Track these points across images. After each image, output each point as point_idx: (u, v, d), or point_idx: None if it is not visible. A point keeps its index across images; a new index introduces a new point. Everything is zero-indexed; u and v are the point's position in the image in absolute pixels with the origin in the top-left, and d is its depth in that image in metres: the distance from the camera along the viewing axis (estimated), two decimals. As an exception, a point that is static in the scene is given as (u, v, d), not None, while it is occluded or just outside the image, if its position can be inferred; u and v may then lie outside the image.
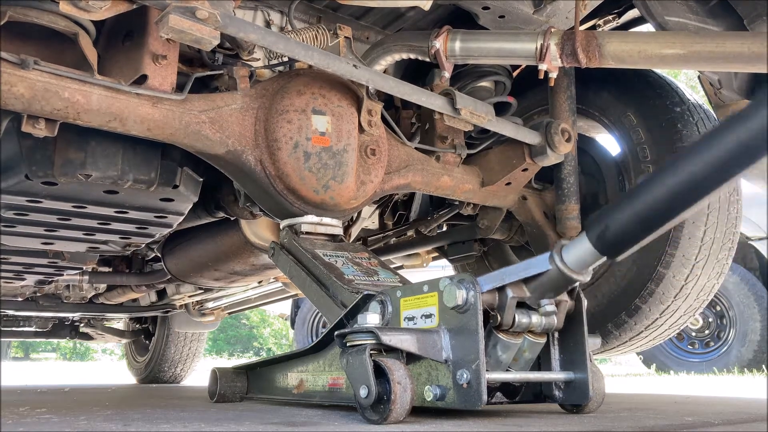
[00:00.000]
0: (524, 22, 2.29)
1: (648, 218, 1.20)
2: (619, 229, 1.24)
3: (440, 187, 2.35)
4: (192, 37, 1.55)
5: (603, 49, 1.95)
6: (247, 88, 1.94)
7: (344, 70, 1.86)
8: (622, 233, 1.24)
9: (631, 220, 1.21)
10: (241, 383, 2.07)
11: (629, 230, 1.23)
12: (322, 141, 1.99)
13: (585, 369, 1.51)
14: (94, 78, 1.64)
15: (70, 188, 1.97)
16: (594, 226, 1.28)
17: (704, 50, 1.81)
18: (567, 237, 2.46)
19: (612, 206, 1.26)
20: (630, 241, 1.25)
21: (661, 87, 2.44)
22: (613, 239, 1.25)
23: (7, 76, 1.52)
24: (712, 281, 2.40)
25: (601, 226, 1.26)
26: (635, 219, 1.21)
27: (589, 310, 2.45)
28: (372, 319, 1.51)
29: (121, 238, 2.44)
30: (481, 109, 2.15)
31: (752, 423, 1.52)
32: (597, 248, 1.28)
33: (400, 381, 1.34)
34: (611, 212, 1.25)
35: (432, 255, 3.35)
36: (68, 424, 1.45)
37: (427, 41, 2.15)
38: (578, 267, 1.34)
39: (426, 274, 2.11)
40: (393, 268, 2.05)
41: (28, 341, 24.16)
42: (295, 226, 2.04)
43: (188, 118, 1.80)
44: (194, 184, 2.14)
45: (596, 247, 1.28)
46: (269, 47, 1.72)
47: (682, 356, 7.03)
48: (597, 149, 2.69)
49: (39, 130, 1.65)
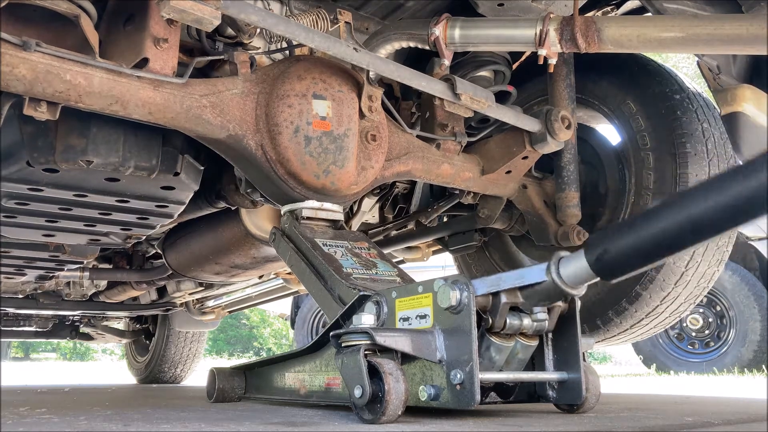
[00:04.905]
0: (523, 10, 2.30)
1: (646, 250, 1.23)
2: (617, 256, 1.27)
3: (440, 174, 2.35)
4: (193, 17, 1.56)
5: (602, 34, 1.96)
6: (247, 73, 1.94)
7: (345, 53, 1.86)
8: (620, 260, 1.27)
9: (630, 249, 1.24)
10: (239, 383, 2.08)
11: (627, 258, 1.26)
12: (322, 125, 1.99)
13: (578, 369, 1.52)
14: (96, 61, 1.64)
15: (72, 176, 1.97)
16: (594, 248, 1.30)
17: (703, 33, 1.82)
18: (567, 225, 2.47)
19: (614, 231, 1.29)
20: (626, 268, 1.28)
21: (660, 75, 2.45)
22: (610, 264, 1.28)
23: (9, 58, 1.53)
24: (713, 268, 2.40)
25: (601, 249, 1.29)
26: (634, 249, 1.23)
27: (590, 297, 2.45)
28: (367, 320, 1.53)
29: (122, 229, 2.45)
30: (480, 94, 2.16)
31: (752, 423, 1.52)
32: (593, 269, 1.31)
33: (393, 381, 1.35)
34: (612, 237, 1.28)
35: (432, 249, 3.35)
36: (68, 424, 1.45)
37: (426, 29, 2.16)
38: (573, 282, 1.37)
39: (426, 275, 2.11)
40: (392, 261, 2.05)
41: (28, 341, 24.09)
42: (296, 211, 2.04)
43: (189, 102, 1.80)
44: (195, 172, 2.15)
45: (593, 268, 1.31)
46: (270, 29, 1.73)
47: (682, 356, 7.03)
48: (597, 138, 2.70)
49: (41, 113, 1.65)
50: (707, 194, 1.13)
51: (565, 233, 2.46)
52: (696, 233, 1.16)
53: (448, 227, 2.98)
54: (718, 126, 2.38)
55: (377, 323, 1.57)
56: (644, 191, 2.40)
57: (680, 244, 1.20)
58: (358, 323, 1.52)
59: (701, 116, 2.36)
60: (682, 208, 1.16)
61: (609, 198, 2.62)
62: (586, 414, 1.58)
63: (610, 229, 1.30)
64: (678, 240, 1.18)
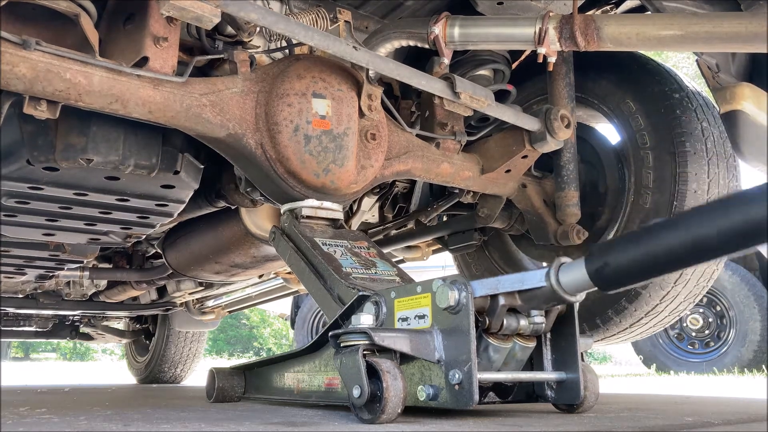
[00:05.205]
0: (522, 8, 2.31)
1: (647, 267, 1.24)
2: (617, 270, 1.28)
3: (440, 173, 2.35)
4: (193, 15, 1.57)
5: (601, 32, 1.96)
6: (247, 72, 1.94)
7: (344, 51, 1.87)
8: (619, 274, 1.28)
9: (631, 264, 1.25)
10: (238, 383, 2.08)
11: (626, 273, 1.27)
12: (322, 124, 1.99)
13: (576, 369, 1.53)
14: (96, 59, 1.65)
15: (72, 174, 1.98)
16: (594, 259, 1.31)
17: (702, 31, 1.82)
18: (567, 224, 2.47)
19: (616, 244, 1.30)
20: (625, 282, 1.30)
21: (659, 74, 2.45)
22: (609, 276, 1.29)
23: (9, 56, 1.53)
24: (712, 267, 2.40)
25: (601, 262, 1.30)
26: (634, 264, 1.25)
27: (590, 296, 2.45)
28: (366, 320, 1.53)
29: (122, 228, 2.45)
30: (480, 93, 2.16)
31: (752, 423, 1.52)
32: (593, 280, 1.32)
33: (391, 378, 1.35)
34: (614, 251, 1.29)
35: (432, 248, 3.36)
36: (68, 424, 1.45)
37: (426, 28, 2.16)
38: (572, 290, 1.37)
39: (426, 274, 2.11)
40: (391, 260, 2.05)
41: (28, 341, 24.09)
42: (295, 210, 2.05)
43: (189, 101, 1.80)
44: (195, 170, 2.15)
45: (592, 279, 1.32)
46: (269, 27, 1.73)
47: (682, 356, 7.03)
48: (596, 138, 2.71)
49: (41, 112, 1.65)
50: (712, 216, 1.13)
51: (565, 232, 2.47)
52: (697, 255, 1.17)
53: (448, 226, 2.98)
54: (717, 124, 2.39)
55: (376, 323, 1.58)
56: (644, 190, 2.40)
57: (680, 264, 1.21)
58: (356, 323, 1.53)
59: (701, 115, 2.36)
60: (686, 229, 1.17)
61: (608, 197, 2.62)
62: (585, 414, 1.58)
63: (614, 242, 1.31)
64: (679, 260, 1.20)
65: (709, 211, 1.15)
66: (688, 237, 1.16)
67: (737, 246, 1.12)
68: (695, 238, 1.15)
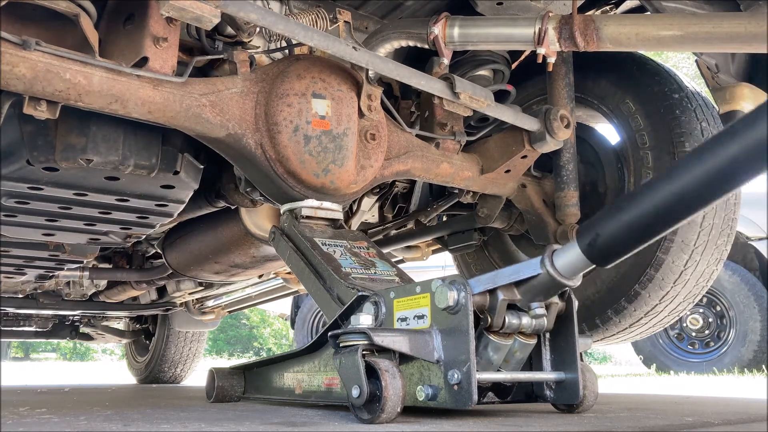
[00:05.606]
0: (522, 9, 2.31)
1: (639, 229, 1.23)
2: (609, 238, 1.26)
3: (440, 174, 2.36)
4: (192, 15, 1.57)
5: (600, 33, 1.96)
6: (247, 72, 1.95)
7: (344, 51, 1.87)
8: (613, 242, 1.27)
9: (622, 229, 1.24)
10: (238, 383, 2.08)
11: (619, 240, 1.26)
12: (322, 124, 2.00)
13: (575, 369, 1.52)
14: (96, 60, 1.65)
15: (71, 174, 1.98)
16: (585, 234, 1.30)
17: (701, 31, 1.82)
18: (566, 224, 2.47)
19: (603, 215, 1.29)
20: (620, 251, 1.28)
21: (659, 74, 2.45)
22: (603, 248, 1.28)
23: (9, 57, 1.53)
24: (711, 267, 2.40)
25: (592, 235, 1.28)
26: (626, 229, 1.24)
27: (589, 296, 2.45)
28: (365, 320, 1.53)
29: (121, 229, 2.45)
30: (479, 93, 2.16)
31: (752, 423, 1.52)
32: (587, 256, 1.31)
33: (390, 377, 1.35)
34: (602, 221, 1.28)
35: (432, 248, 3.36)
36: (68, 424, 1.45)
37: (425, 28, 2.17)
38: (568, 273, 1.37)
39: (426, 275, 2.11)
40: (391, 260, 2.05)
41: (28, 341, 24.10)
42: (295, 210, 2.05)
43: (189, 101, 1.81)
44: (195, 170, 2.15)
45: (586, 255, 1.31)
46: (269, 27, 1.73)
47: (682, 356, 7.02)
48: (596, 138, 2.71)
49: (41, 112, 1.65)
50: (690, 166, 1.13)
51: (565, 232, 2.47)
52: (685, 207, 1.16)
53: (448, 226, 2.98)
54: (717, 125, 2.39)
55: (375, 323, 1.58)
56: (643, 190, 2.40)
57: (672, 220, 1.20)
58: (356, 323, 1.53)
59: (700, 115, 2.36)
60: (668, 183, 1.17)
61: (608, 197, 2.62)
62: (585, 414, 1.58)
63: (601, 213, 1.30)
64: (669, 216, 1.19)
65: (685, 163, 1.15)
66: (672, 191, 1.16)
67: (720, 190, 1.12)
68: (680, 191, 1.15)
